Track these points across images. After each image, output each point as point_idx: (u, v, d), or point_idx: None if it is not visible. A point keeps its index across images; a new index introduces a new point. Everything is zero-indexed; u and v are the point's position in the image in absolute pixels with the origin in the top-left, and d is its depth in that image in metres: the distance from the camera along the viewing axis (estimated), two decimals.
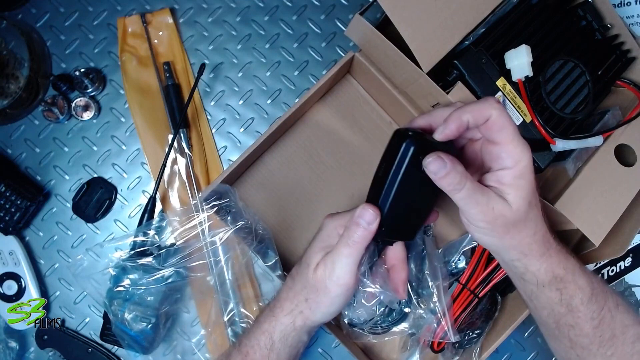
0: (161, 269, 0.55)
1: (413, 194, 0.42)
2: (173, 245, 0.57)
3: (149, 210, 0.59)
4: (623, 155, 0.52)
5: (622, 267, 0.66)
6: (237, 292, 0.59)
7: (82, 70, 0.61)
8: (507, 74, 0.49)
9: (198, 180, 0.62)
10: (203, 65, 0.59)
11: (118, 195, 0.63)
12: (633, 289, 0.66)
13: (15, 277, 0.60)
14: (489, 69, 0.49)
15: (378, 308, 0.57)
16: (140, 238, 0.57)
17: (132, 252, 0.57)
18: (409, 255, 0.57)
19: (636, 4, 0.67)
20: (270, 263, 0.57)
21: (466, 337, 0.58)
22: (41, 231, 0.62)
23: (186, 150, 0.61)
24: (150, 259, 0.55)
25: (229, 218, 0.56)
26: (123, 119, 0.63)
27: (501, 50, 0.49)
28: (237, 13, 0.65)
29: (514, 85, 0.49)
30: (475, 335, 0.58)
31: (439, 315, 0.54)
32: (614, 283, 0.65)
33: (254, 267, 0.62)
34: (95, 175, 0.63)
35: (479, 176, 0.43)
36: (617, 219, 0.50)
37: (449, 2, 0.47)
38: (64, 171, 0.63)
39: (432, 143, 0.40)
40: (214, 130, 0.64)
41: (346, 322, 0.58)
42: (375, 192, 0.42)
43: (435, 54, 0.47)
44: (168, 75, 0.62)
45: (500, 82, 0.49)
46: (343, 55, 0.63)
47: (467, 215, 0.42)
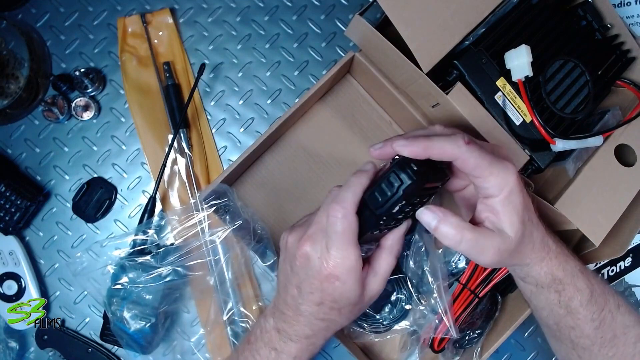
0: (159, 267, 0.55)
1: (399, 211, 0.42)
2: (172, 244, 0.57)
3: (149, 210, 0.59)
4: (623, 155, 0.52)
5: (622, 267, 0.65)
6: (237, 292, 0.59)
7: (82, 70, 0.61)
8: (507, 74, 0.49)
9: (198, 180, 0.62)
10: (203, 65, 0.59)
11: (118, 195, 0.63)
12: (633, 289, 0.66)
13: (15, 277, 0.60)
14: (489, 69, 0.49)
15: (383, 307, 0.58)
16: (140, 237, 0.57)
17: (132, 251, 0.57)
18: (408, 253, 0.57)
19: (636, 4, 0.67)
20: (269, 263, 0.57)
21: (466, 337, 0.58)
22: (41, 231, 0.62)
23: (186, 150, 0.61)
24: (148, 257, 0.55)
25: (227, 217, 0.56)
26: (123, 119, 0.63)
27: (501, 50, 0.49)
28: (237, 13, 0.65)
29: (514, 85, 0.49)
30: (475, 335, 0.58)
31: (441, 312, 0.54)
32: (614, 283, 0.65)
33: (253, 267, 0.62)
34: (95, 175, 0.63)
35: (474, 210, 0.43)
36: (617, 219, 0.50)
37: (449, 2, 0.47)
38: (64, 171, 0.63)
39: (433, 173, 0.41)
40: (214, 130, 0.64)
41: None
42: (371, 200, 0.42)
43: (435, 54, 0.47)
44: (168, 75, 0.62)
45: (500, 82, 0.49)
46: (343, 55, 0.63)
47: (477, 260, 0.42)
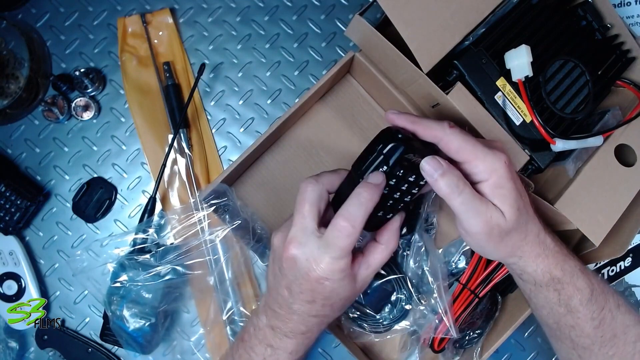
0: (158, 266, 0.55)
1: (389, 193, 0.42)
2: (172, 243, 0.57)
3: (149, 210, 0.59)
4: (623, 155, 0.52)
5: (622, 267, 0.65)
6: (237, 291, 0.59)
7: (82, 70, 0.61)
8: (507, 74, 0.49)
9: (198, 180, 0.62)
10: (203, 65, 0.59)
11: (118, 195, 0.63)
12: (633, 289, 0.66)
13: (15, 277, 0.60)
14: (489, 69, 0.49)
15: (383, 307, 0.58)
16: (140, 236, 0.57)
17: (131, 250, 0.57)
18: (408, 253, 0.57)
19: (636, 4, 0.67)
20: (268, 262, 0.57)
21: (467, 337, 0.58)
22: (41, 231, 0.62)
23: (186, 150, 0.61)
24: (147, 256, 0.55)
25: (226, 217, 0.56)
26: (123, 119, 0.63)
27: (501, 50, 0.49)
28: (237, 13, 0.65)
29: (514, 85, 0.49)
30: (475, 335, 0.58)
31: (441, 312, 0.54)
32: (614, 283, 0.65)
33: (253, 267, 0.62)
34: (95, 175, 0.63)
35: None
36: (617, 219, 0.50)
37: (449, 2, 0.47)
38: (64, 171, 0.63)
39: (420, 149, 0.41)
40: (214, 130, 0.64)
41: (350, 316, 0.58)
42: (349, 184, 0.42)
43: (435, 54, 0.47)
44: (168, 75, 0.62)
45: (500, 82, 0.49)
46: (343, 55, 0.63)
47: (466, 224, 0.41)
